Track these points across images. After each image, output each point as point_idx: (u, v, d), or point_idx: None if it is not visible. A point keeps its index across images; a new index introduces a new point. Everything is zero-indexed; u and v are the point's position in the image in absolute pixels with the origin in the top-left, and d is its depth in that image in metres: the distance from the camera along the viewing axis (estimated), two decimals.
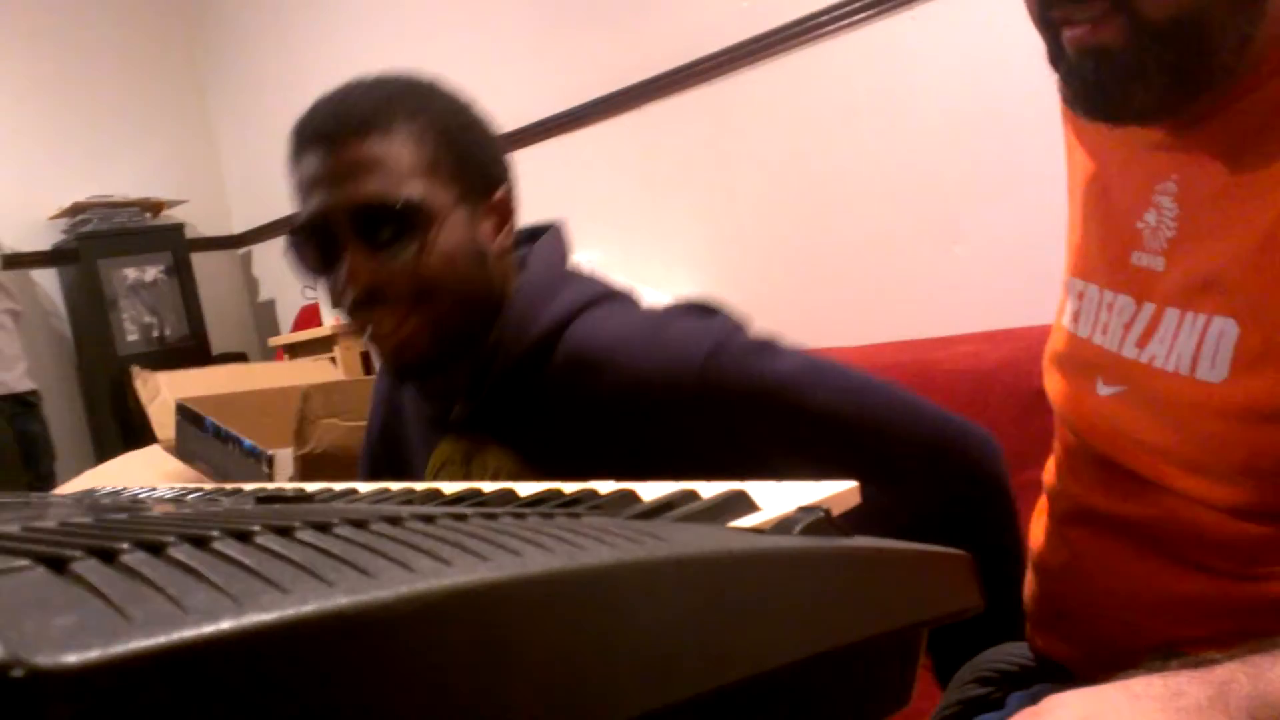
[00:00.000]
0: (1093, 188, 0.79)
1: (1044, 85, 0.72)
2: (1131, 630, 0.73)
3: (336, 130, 0.89)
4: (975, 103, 2.09)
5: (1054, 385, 0.83)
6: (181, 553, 0.23)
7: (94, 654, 0.18)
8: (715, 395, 0.86)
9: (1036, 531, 0.85)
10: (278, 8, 4.05)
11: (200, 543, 0.23)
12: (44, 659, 0.17)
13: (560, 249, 1.01)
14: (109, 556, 0.22)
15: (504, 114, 3.35)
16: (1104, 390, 0.75)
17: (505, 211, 0.95)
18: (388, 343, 0.90)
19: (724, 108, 2.56)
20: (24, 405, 2.34)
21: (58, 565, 0.22)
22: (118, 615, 0.19)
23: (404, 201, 0.87)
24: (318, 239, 0.90)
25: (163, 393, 2.19)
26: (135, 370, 2.20)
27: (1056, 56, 0.69)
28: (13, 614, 0.19)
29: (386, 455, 1.13)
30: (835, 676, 0.33)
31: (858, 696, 0.34)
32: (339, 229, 0.88)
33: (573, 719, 0.24)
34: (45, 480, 2.26)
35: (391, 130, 0.88)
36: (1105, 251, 0.77)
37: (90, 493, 0.84)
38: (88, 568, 0.22)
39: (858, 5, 2.23)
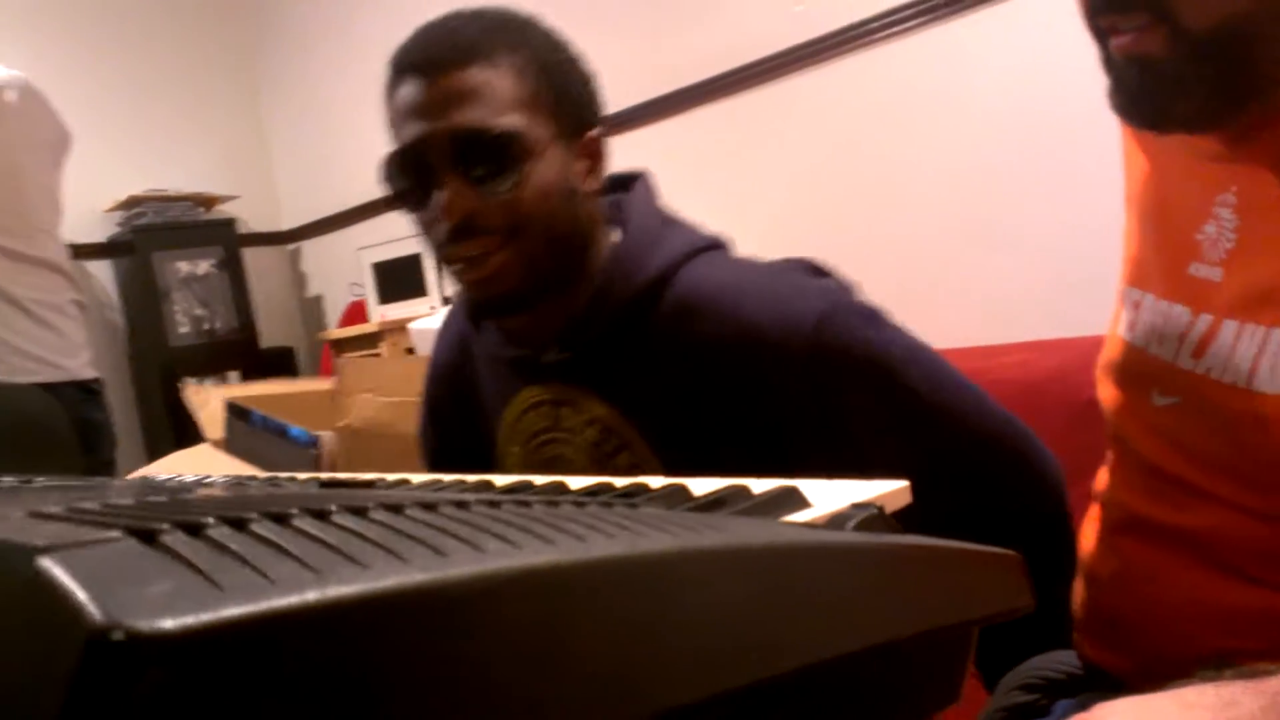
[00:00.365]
0: (1151, 197, 0.79)
1: (1098, 92, 0.72)
2: (1183, 641, 0.72)
3: (439, 58, 0.88)
4: (1027, 108, 2.08)
5: (1108, 395, 0.82)
6: (263, 528, 0.24)
7: (189, 619, 0.18)
8: (824, 355, 0.86)
9: (1087, 540, 0.84)
10: (332, 9, 4.10)
11: (280, 519, 0.24)
12: (142, 623, 0.18)
13: (655, 196, 1.01)
14: (195, 530, 0.23)
15: None
16: (1159, 401, 0.75)
17: (597, 153, 0.95)
18: (478, 274, 0.90)
19: (774, 112, 2.55)
20: (88, 393, 2.39)
21: (147, 537, 0.23)
22: (209, 584, 0.20)
23: (504, 131, 0.87)
24: (413, 168, 0.90)
25: (212, 402, 2.24)
26: (185, 381, 2.24)
27: (1107, 62, 0.69)
28: (108, 581, 0.20)
29: (452, 398, 1.11)
30: (885, 671, 0.33)
31: (907, 692, 0.35)
32: (436, 157, 0.87)
33: (631, 701, 0.25)
34: (105, 468, 2.30)
35: (494, 61, 0.88)
36: (1162, 261, 0.76)
37: (146, 479, 0.86)
38: (176, 540, 0.23)
39: (912, 10, 2.22)
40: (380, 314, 3.81)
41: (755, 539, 0.30)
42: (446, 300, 3.47)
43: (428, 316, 2.99)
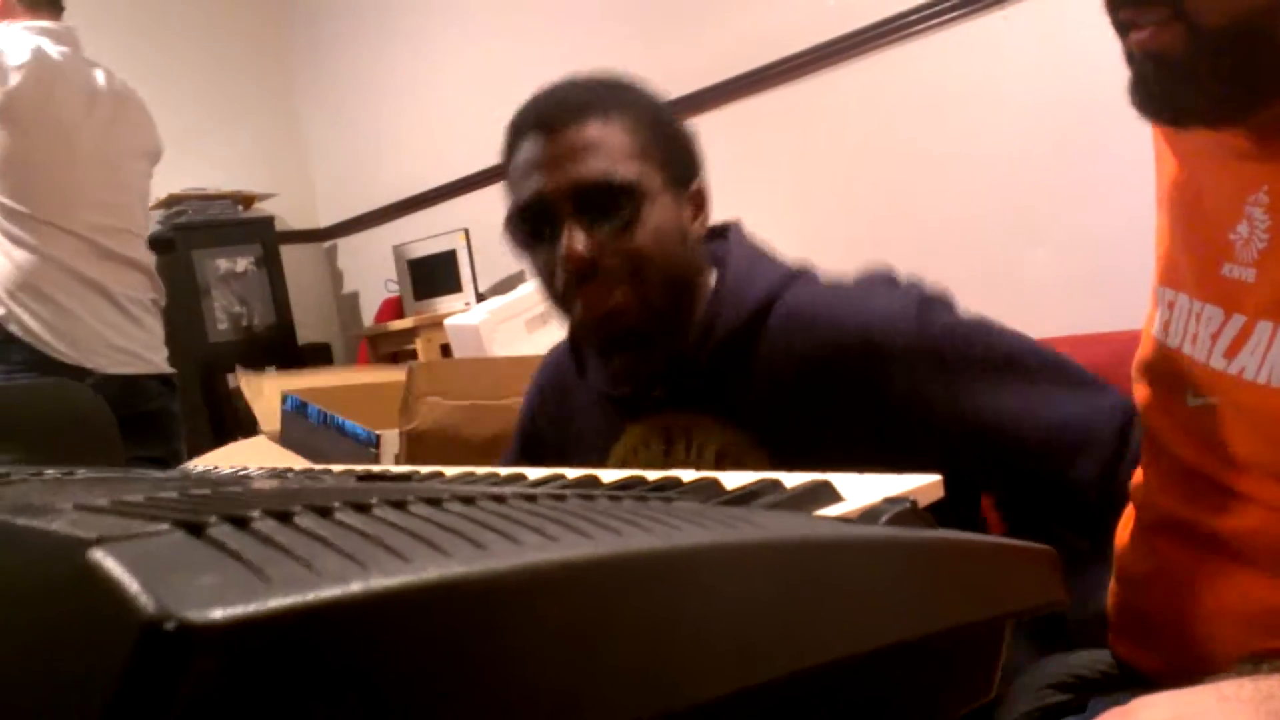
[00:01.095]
0: (1182, 196, 0.78)
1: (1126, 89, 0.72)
2: (1219, 641, 0.71)
3: (558, 117, 0.96)
4: (1062, 103, 2.06)
5: (1142, 395, 0.82)
6: (308, 521, 0.24)
7: (238, 610, 0.19)
8: (930, 343, 0.93)
9: (1123, 540, 0.84)
10: (365, 9, 4.13)
11: (323, 512, 0.25)
12: (193, 614, 0.19)
13: (749, 240, 1.08)
14: (242, 523, 0.24)
15: None
16: (1193, 402, 0.75)
17: (701, 201, 1.03)
18: (600, 312, 0.96)
19: (808, 106, 2.55)
20: (167, 386, 2.56)
21: (195, 529, 0.23)
22: (256, 576, 0.20)
23: (622, 180, 0.94)
24: (536, 219, 0.97)
25: (265, 391, 2.26)
26: (239, 372, 2.28)
27: (1128, 58, 0.70)
28: (159, 572, 0.20)
29: (551, 433, 1.16)
30: (918, 665, 0.33)
31: (940, 685, 0.35)
32: (558, 207, 0.95)
33: (666, 693, 0.25)
34: (176, 458, 2.41)
35: (608, 117, 0.96)
36: (1195, 261, 0.76)
37: (185, 472, 0.87)
38: (223, 532, 0.23)
39: (948, 5, 2.20)
40: (415, 310, 3.83)
41: (788, 533, 0.30)
42: (481, 297, 3.49)
43: (463, 313, 3.01)
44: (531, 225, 0.98)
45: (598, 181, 0.93)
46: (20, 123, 2.28)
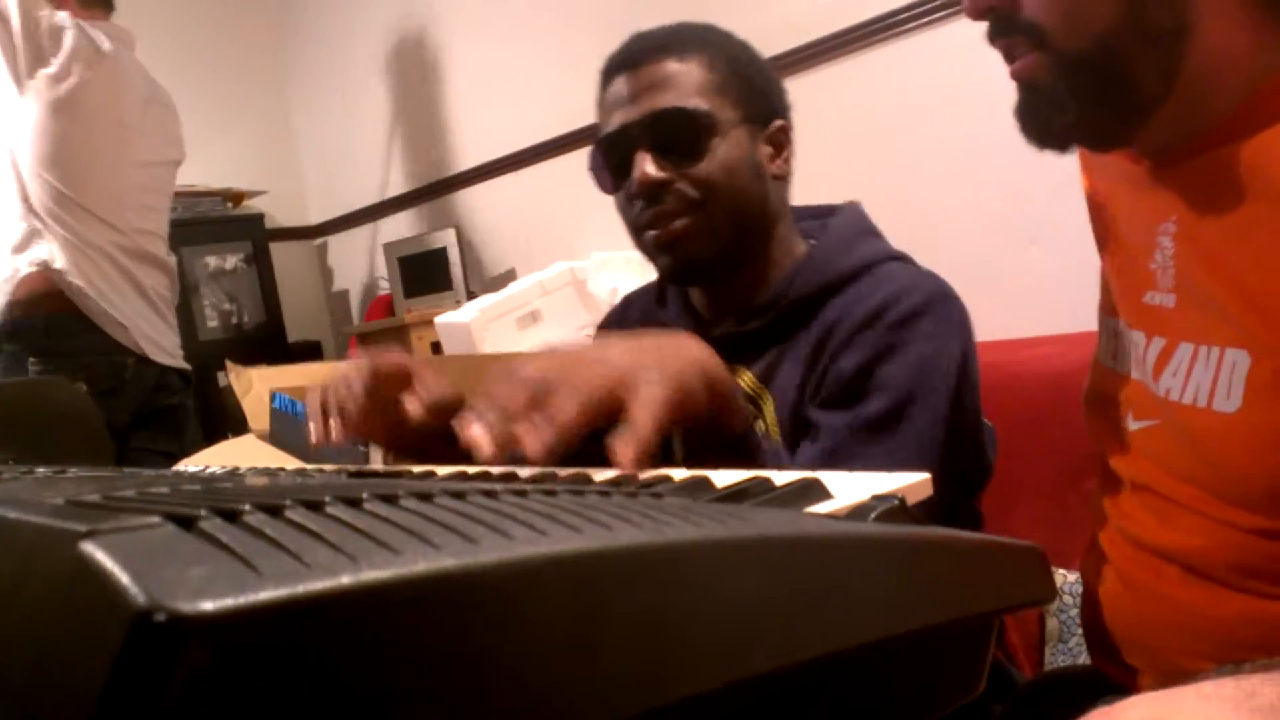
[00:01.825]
0: (1108, 227, 0.82)
1: None
2: (1186, 654, 0.72)
3: (639, 55, 1.02)
4: None
5: (1093, 423, 0.84)
6: (298, 515, 0.24)
7: (229, 602, 0.19)
8: (889, 331, 0.93)
9: (1090, 557, 0.85)
10: (356, 6, 4.12)
11: (314, 506, 0.25)
12: (184, 605, 0.19)
13: (861, 217, 1.10)
14: (232, 516, 0.24)
15: (576, 113, 3.36)
16: (1134, 425, 0.77)
17: (782, 140, 1.07)
18: (667, 238, 0.99)
19: (801, 104, 2.54)
20: (186, 381, 2.63)
21: (186, 522, 0.23)
22: (247, 568, 0.21)
23: (693, 110, 0.98)
24: (616, 152, 1.02)
25: (255, 386, 2.26)
26: (229, 365, 2.29)
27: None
28: (150, 565, 0.20)
29: None
30: (906, 662, 0.34)
31: (928, 682, 0.35)
32: (635, 139, 0.99)
33: (655, 688, 0.25)
34: (184, 453, 2.45)
35: (685, 56, 1.01)
36: (1123, 289, 0.79)
37: (178, 470, 0.87)
38: (214, 525, 0.23)
39: (941, 2, 2.20)
40: (406, 308, 3.82)
41: (777, 529, 0.30)
42: (472, 295, 3.48)
43: (453, 311, 3.01)
44: (612, 160, 1.02)
45: (670, 111, 0.98)
46: (83, 116, 2.35)
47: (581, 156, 1.09)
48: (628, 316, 1.18)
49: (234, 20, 4.54)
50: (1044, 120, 0.71)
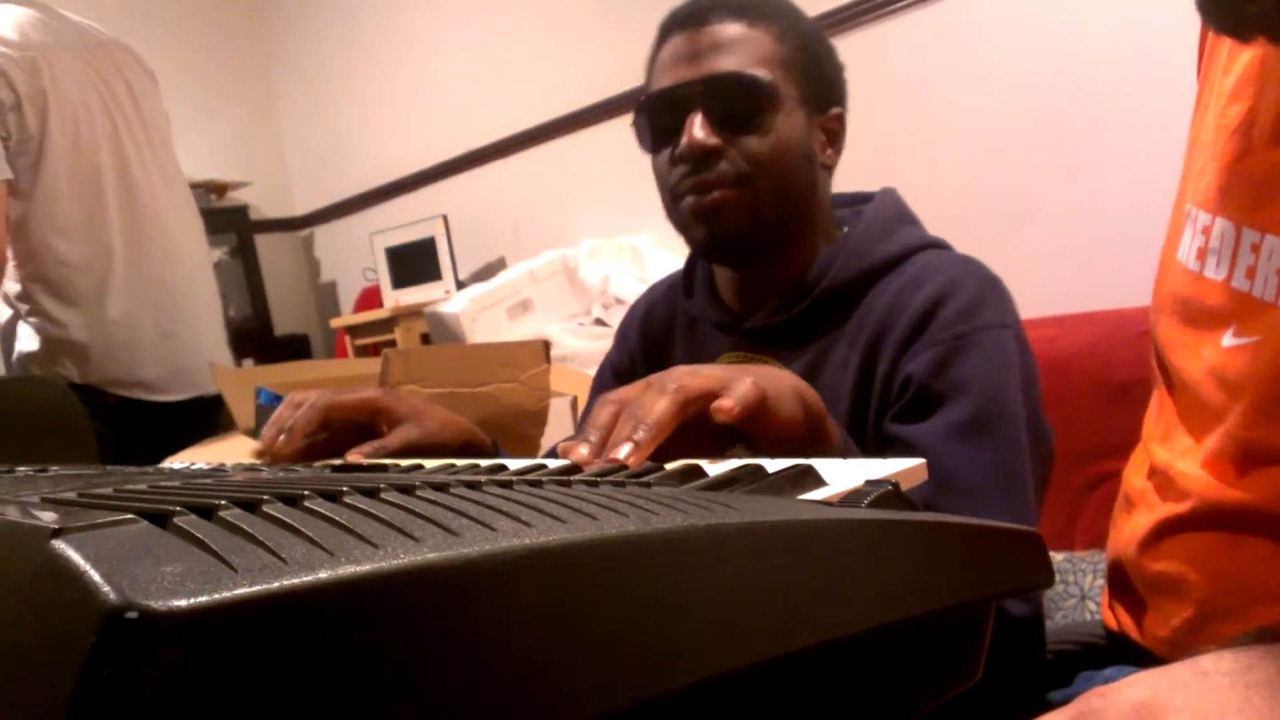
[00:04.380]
0: (1234, 113, 0.71)
1: (1125, 64, 0.70)
2: (1230, 613, 0.69)
3: (706, 12, 0.95)
4: (1051, 80, 2.06)
5: (1169, 333, 0.75)
6: (276, 509, 0.24)
7: (202, 599, 0.19)
8: (952, 339, 0.88)
9: (1132, 496, 0.81)
10: None
11: (292, 501, 0.24)
12: (156, 603, 0.18)
13: (899, 203, 1.06)
14: (208, 512, 0.23)
15: (567, 98, 3.34)
16: (1230, 341, 0.69)
17: (835, 131, 1.01)
18: (706, 205, 0.94)
19: None
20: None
21: (160, 520, 0.23)
22: (222, 565, 0.20)
23: (756, 78, 0.93)
24: (667, 111, 0.95)
25: (241, 386, 2.24)
26: (212, 365, 2.26)
27: None
28: (123, 562, 0.20)
29: (644, 354, 1.13)
30: (903, 648, 0.33)
31: (926, 669, 0.34)
32: (690, 99, 0.93)
33: (646, 679, 0.25)
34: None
35: (755, 22, 0.95)
36: (1245, 186, 0.69)
37: (160, 468, 0.86)
38: (189, 522, 0.23)
39: None
40: (394, 299, 3.81)
41: (768, 516, 0.29)
42: (461, 284, 3.47)
43: (443, 301, 3.00)
44: (660, 119, 0.96)
45: (732, 76, 0.93)
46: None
47: (572, 142, 1.07)
48: (653, 310, 1.13)
49: (217, 8, 4.50)
50: (1237, 4, 0.60)
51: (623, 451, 0.56)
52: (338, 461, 0.79)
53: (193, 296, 2.42)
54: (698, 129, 0.92)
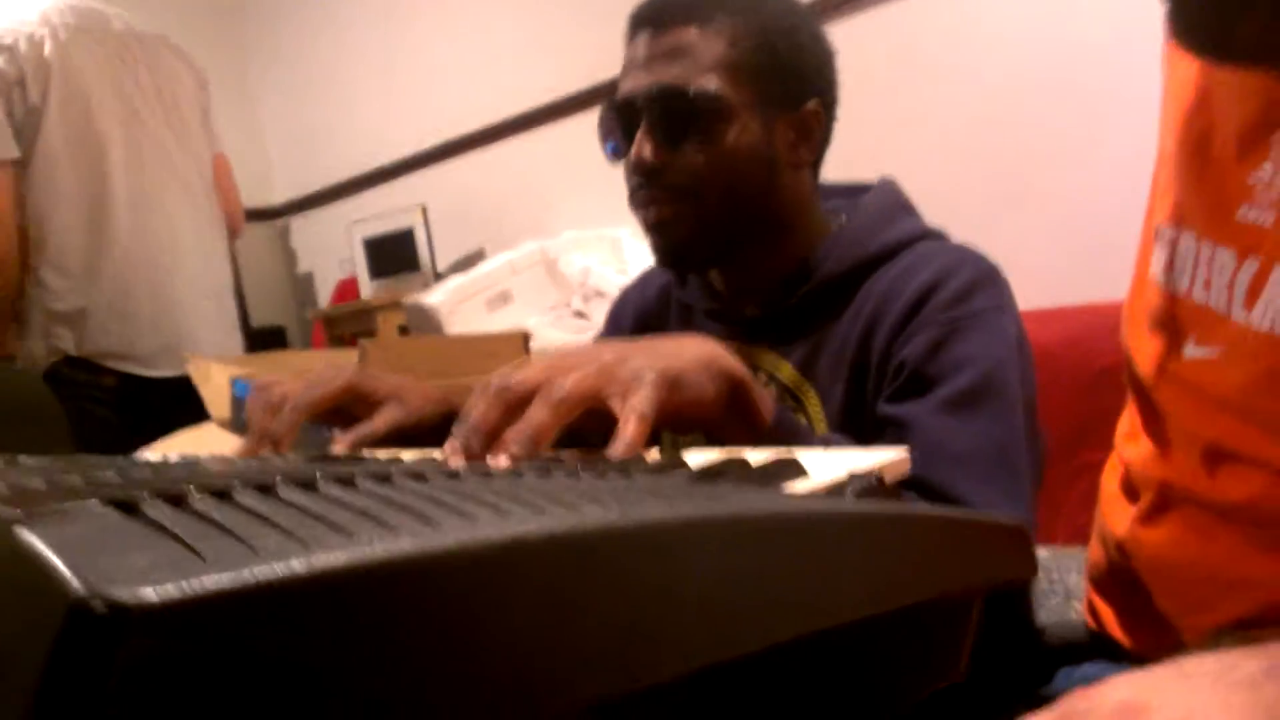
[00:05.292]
0: (1194, 128, 0.72)
1: (1116, 53, 0.69)
2: (1207, 609, 0.70)
3: (659, 16, 0.93)
4: (1039, 63, 2.06)
5: (1139, 344, 0.77)
6: (248, 498, 0.23)
7: (170, 590, 0.18)
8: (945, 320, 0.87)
9: (1109, 501, 0.81)
10: None
11: (265, 489, 0.24)
12: (123, 593, 0.18)
13: (898, 193, 1.03)
14: (177, 501, 0.23)
15: (548, 87, 3.32)
16: (1192, 353, 0.70)
17: (811, 126, 0.96)
18: (649, 222, 0.93)
19: None
20: None
21: (128, 507, 0.22)
22: (191, 554, 0.19)
23: (698, 91, 0.90)
24: (623, 119, 0.94)
25: (214, 376, 2.23)
26: (187, 355, 2.25)
27: None
28: (89, 552, 0.19)
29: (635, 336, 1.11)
30: (887, 641, 0.33)
31: (909, 664, 0.34)
32: (640, 111, 0.92)
33: (627, 673, 0.24)
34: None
35: (710, 22, 0.91)
36: (1205, 200, 0.70)
37: (132, 458, 0.85)
38: (158, 511, 0.22)
39: None
40: (372, 290, 3.79)
41: (750, 507, 0.29)
42: (440, 276, 3.46)
43: (422, 292, 2.98)
44: (614, 129, 0.95)
45: (674, 89, 0.90)
46: None
47: (553, 131, 1.06)
48: (647, 296, 1.11)
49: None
50: (1227, 23, 0.60)
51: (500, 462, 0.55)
52: (315, 451, 0.79)
53: (191, 285, 2.45)
54: (642, 149, 0.91)
